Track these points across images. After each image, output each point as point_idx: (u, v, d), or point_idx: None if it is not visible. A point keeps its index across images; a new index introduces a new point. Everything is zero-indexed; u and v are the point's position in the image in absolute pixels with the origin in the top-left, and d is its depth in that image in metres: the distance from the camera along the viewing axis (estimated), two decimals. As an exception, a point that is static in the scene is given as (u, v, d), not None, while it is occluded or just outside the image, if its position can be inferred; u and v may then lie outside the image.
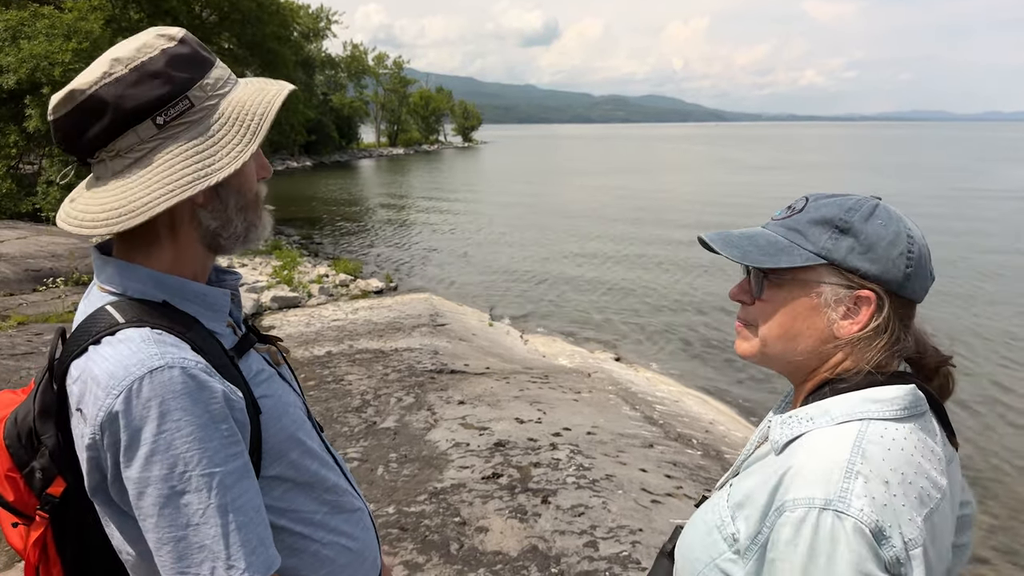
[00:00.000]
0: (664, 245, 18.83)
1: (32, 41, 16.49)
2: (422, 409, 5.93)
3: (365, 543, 1.29)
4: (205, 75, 1.07)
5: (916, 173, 43.33)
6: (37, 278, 10.71)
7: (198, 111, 1.06)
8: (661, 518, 4.07)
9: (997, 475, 6.47)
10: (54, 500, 1.10)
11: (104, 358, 0.99)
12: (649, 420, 6.35)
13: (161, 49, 1.05)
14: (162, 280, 1.09)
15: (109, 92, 1.01)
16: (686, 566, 1.12)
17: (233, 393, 1.03)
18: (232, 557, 0.96)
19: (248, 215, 1.15)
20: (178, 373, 0.97)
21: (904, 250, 1.02)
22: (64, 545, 1.13)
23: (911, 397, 1.01)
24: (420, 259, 17.53)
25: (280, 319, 10.09)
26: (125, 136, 1.03)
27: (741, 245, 1.10)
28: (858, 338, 1.04)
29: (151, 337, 1.00)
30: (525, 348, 9.78)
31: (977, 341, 10.11)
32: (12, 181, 17.71)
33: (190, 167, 1.03)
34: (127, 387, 0.95)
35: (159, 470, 0.95)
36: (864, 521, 0.89)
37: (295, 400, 1.24)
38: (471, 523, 3.94)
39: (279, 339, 1.31)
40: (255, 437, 1.08)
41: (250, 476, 1.02)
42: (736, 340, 1.17)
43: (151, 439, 0.95)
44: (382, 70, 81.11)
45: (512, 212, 26.64)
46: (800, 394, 1.12)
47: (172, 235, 1.10)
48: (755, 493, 1.01)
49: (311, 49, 44.50)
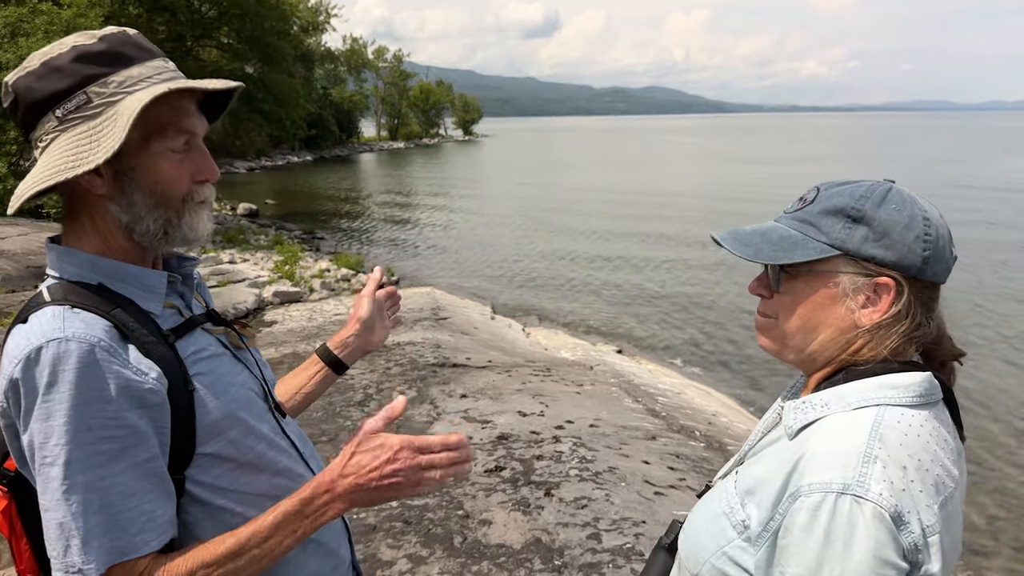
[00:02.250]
0: (667, 238, 18.81)
1: (31, 38, 16.44)
2: (424, 403, 5.93)
3: (321, 531, 1.29)
4: (113, 72, 1.09)
5: (923, 164, 43.19)
6: (38, 275, 10.71)
7: (95, 106, 1.08)
8: (664, 510, 4.07)
9: (999, 467, 6.47)
10: (9, 474, 1.15)
11: (19, 333, 1.04)
12: (652, 412, 6.35)
13: (72, 46, 1.09)
14: (96, 262, 1.12)
15: (20, 84, 1.09)
16: (691, 555, 1.10)
17: (143, 374, 1.04)
18: (87, 536, 0.98)
19: (162, 214, 1.14)
20: (75, 346, 1.00)
21: (920, 233, 0.99)
22: (27, 519, 1.16)
23: (927, 384, 1.00)
24: (422, 253, 17.54)
25: (282, 314, 10.09)
26: (37, 127, 1.09)
27: (753, 243, 1.08)
28: (879, 325, 1.02)
29: (62, 313, 1.04)
30: (527, 341, 9.79)
31: (977, 330, 10.12)
32: (13, 178, 17.69)
33: (64, 157, 1.06)
34: (25, 355, 0.99)
35: (38, 438, 0.99)
36: (883, 506, 0.88)
37: (245, 381, 1.24)
38: (474, 516, 3.95)
39: (243, 323, 1.33)
40: (187, 414, 1.10)
41: (126, 461, 1.02)
42: (757, 334, 1.16)
43: (37, 407, 0.98)
44: (382, 64, 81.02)
45: (513, 205, 26.61)
46: (813, 380, 1.11)
47: (93, 224, 1.14)
48: (767, 478, 1.00)
49: (310, 43, 44.38)
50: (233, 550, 1.04)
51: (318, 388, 1.57)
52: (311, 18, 39.84)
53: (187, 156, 1.15)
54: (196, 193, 1.18)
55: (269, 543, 1.06)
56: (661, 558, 1.26)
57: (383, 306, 1.64)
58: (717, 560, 1.04)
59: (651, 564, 1.28)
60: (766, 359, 9.41)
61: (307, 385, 1.55)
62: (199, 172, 1.17)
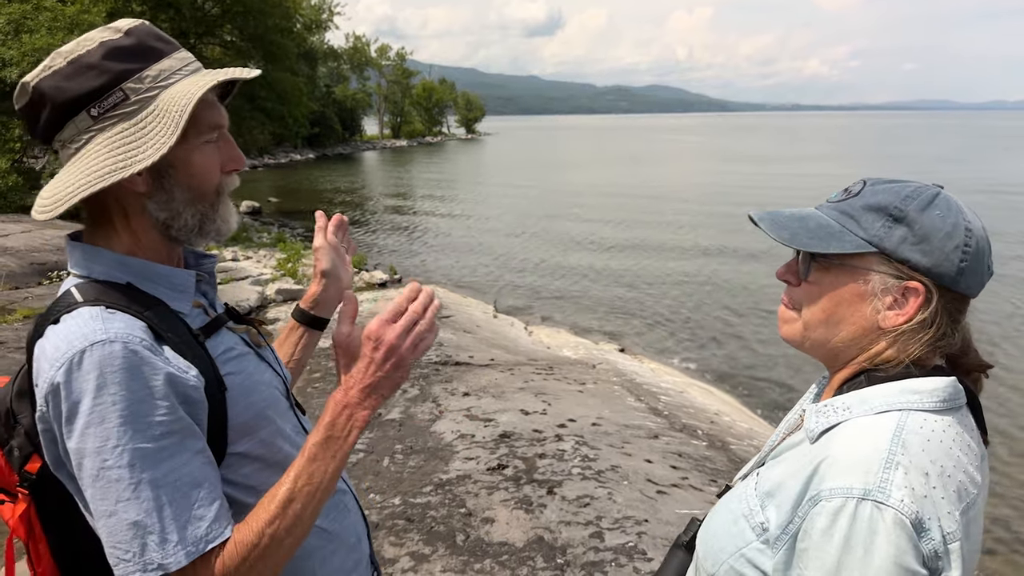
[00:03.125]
0: (669, 237, 18.80)
1: (34, 35, 16.45)
2: (427, 401, 5.93)
3: (344, 525, 1.29)
4: (146, 67, 1.08)
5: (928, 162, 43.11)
6: (42, 271, 10.74)
7: (133, 103, 1.06)
8: (667, 509, 4.07)
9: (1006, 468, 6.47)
10: (31, 477, 1.13)
11: (56, 335, 1.02)
12: (654, 411, 6.34)
13: (100, 42, 1.06)
14: (125, 262, 1.11)
15: (47, 84, 1.05)
16: (709, 555, 1.10)
17: (184, 371, 1.04)
18: (165, 531, 0.96)
19: (199, 208, 1.14)
20: (119, 348, 0.98)
21: (960, 243, 0.97)
22: (48, 522, 1.16)
23: (951, 390, 0.99)
24: (424, 251, 17.54)
25: (285, 312, 10.09)
26: (66, 128, 1.07)
27: (791, 226, 1.06)
28: (902, 330, 1.00)
29: (100, 314, 1.02)
30: (530, 340, 9.78)
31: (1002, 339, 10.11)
32: (17, 175, 17.71)
33: (111, 158, 1.04)
34: (68, 359, 0.97)
35: (92, 443, 0.96)
36: (904, 512, 0.87)
37: (270, 379, 1.25)
38: (477, 514, 3.95)
39: (261, 322, 1.32)
40: (220, 414, 1.10)
41: (188, 452, 1.01)
42: (780, 323, 1.14)
43: (87, 411, 0.96)
44: (385, 62, 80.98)
45: (516, 203, 26.60)
46: (834, 383, 1.10)
47: (126, 223, 1.12)
48: (787, 482, 0.99)
49: (313, 41, 44.40)
50: (286, 497, 1.03)
51: (305, 353, 1.55)
52: (314, 16, 39.87)
53: (217, 147, 1.15)
54: (226, 184, 1.18)
55: (315, 474, 1.04)
56: (679, 556, 1.26)
57: (339, 248, 1.57)
58: (735, 561, 1.03)
59: (668, 561, 1.28)
60: (769, 359, 9.40)
61: (295, 352, 1.53)
62: (229, 162, 1.17)
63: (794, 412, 1.20)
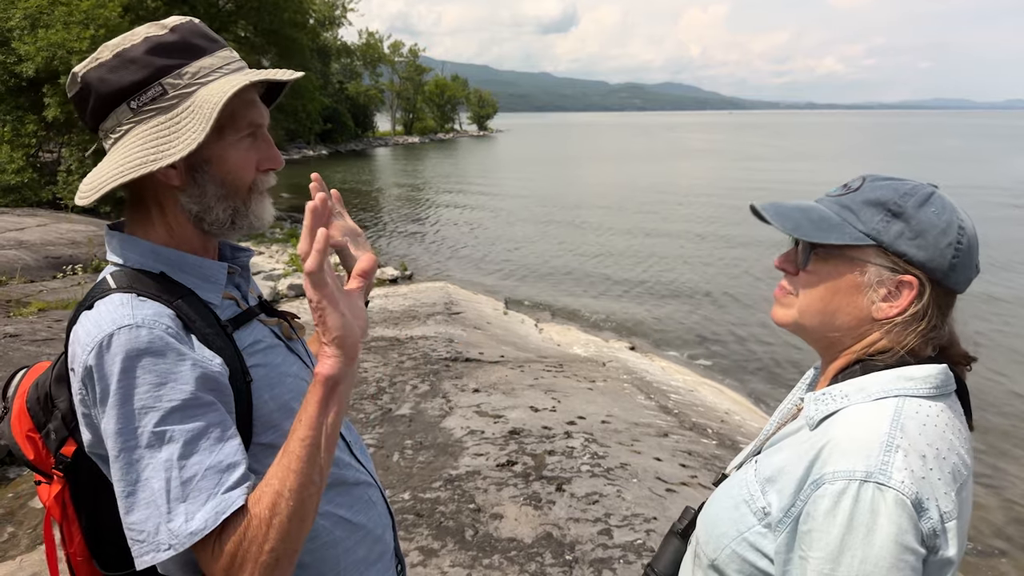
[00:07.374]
0: (681, 235, 18.73)
1: (50, 29, 16.59)
2: (437, 397, 5.95)
3: (369, 517, 1.29)
4: (187, 64, 1.10)
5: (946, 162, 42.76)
6: (57, 265, 10.83)
7: (172, 98, 1.09)
8: (676, 507, 4.06)
9: (1009, 463, 6.41)
10: (66, 460, 1.17)
11: (88, 320, 1.05)
12: (664, 409, 6.33)
13: (144, 37, 1.09)
14: (159, 252, 1.14)
15: (92, 75, 1.09)
16: (711, 541, 1.13)
17: (209, 361, 1.06)
18: (173, 512, 0.96)
19: (231, 203, 1.16)
20: (145, 332, 1.01)
21: (954, 240, 1.02)
22: (80, 504, 1.18)
23: (943, 376, 1.04)
24: (436, 248, 17.56)
25: (297, 307, 10.14)
26: (109, 118, 1.10)
27: (793, 217, 1.11)
28: (895, 322, 1.05)
29: (130, 300, 1.05)
30: (540, 337, 9.78)
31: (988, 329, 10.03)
32: (32, 170, 17.86)
33: (143, 150, 1.07)
34: (98, 343, 1.00)
35: (116, 423, 0.98)
36: (905, 493, 0.91)
37: (299, 372, 1.25)
38: (486, 510, 3.96)
39: (294, 315, 1.33)
40: (245, 404, 1.11)
41: (210, 437, 1.01)
42: (774, 306, 1.19)
43: (113, 392, 0.99)
44: (398, 58, 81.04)
45: (527, 201, 26.58)
46: (829, 372, 1.14)
47: (162, 214, 1.16)
48: (789, 467, 1.03)
49: (327, 37, 44.55)
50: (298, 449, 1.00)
51: None
52: (327, 12, 40.00)
53: (253, 145, 1.17)
54: (261, 182, 1.20)
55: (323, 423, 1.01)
56: (674, 544, 1.31)
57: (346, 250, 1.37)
58: (737, 545, 1.07)
59: (664, 548, 1.32)
60: (779, 358, 9.36)
61: None
62: (265, 161, 1.19)
63: (787, 402, 1.26)
